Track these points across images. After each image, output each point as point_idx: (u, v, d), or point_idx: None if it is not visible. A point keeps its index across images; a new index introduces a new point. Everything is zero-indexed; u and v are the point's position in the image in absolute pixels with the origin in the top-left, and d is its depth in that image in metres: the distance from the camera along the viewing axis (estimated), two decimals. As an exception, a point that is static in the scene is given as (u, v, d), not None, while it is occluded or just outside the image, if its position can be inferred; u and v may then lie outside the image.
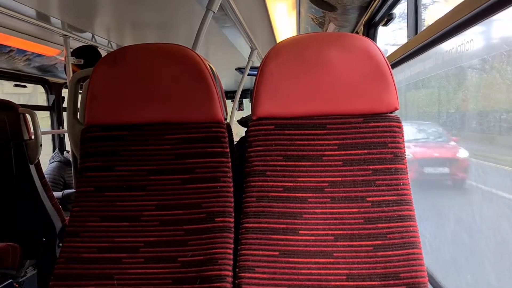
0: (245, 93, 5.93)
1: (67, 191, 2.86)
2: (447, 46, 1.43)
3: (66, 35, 2.72)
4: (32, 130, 2.15)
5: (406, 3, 1.70)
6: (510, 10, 0.93)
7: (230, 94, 5.28)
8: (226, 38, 3.13)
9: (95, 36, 3.00)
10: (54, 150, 3.87)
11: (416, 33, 1.58)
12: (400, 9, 1.96)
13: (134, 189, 1.13)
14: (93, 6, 2.37)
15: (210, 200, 1.11)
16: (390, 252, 1.02)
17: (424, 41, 1.40)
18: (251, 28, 3.04)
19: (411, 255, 1.01)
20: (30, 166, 2.12)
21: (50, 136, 3.97)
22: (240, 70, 4.46)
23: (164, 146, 1.15)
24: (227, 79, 5.34)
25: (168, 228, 1.10)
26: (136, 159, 1.15)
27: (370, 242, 1.03)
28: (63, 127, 3.95)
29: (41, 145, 2.15)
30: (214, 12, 1.94)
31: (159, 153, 1.15)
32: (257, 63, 3.94)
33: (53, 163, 3.54)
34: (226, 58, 4.19)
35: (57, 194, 2.51)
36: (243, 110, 5.97)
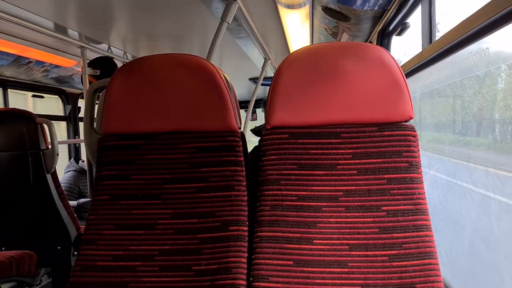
0: (258, 103, 5.96)
1: (82, 200, 2.89)
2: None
3: (83, 47, 2.78)
4: (49, 140, 2.19)
5: (420, 12, 1.69)
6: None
7: (243, 104, 5.30)
8: (240, 49, 3.15)
9: (111, 47, 3.05)
10: (69, 159, 3.93)
11: (430, 42, 1.57)
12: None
13: (149, 197, 1.14)
14: (109, 18, 2.42)
15: (224, 208, 1.11)
16: (405, 262, 1.00)
17: (438, 50, 1.40)
18: (265, 39, 3.06)
19: (427, 266, 1.00)
20: (47, 175, 2.15)
21: (66, 145, 4.04)
22: (254, 80, 4.49)
23: (179, 155, 1.16)
24: (240, 89, 5.37)
25: (182, 237, 1.10)
26: (151, 168, 1.16)
27: (385, 252, 1.02)
28: (79, 137, 4.01)
29: (57, 154, 2.18)
30: (228, 23, 1.97)
31: (174, 162, 1.16)
32: (270, 73, 3.97)
33: (68, 172, 3.59)
34: (239, 68, 4.22)
35: (72, 203, 2.54)
36: (256, 119, 6.00)
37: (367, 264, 1.01)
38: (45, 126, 2.17)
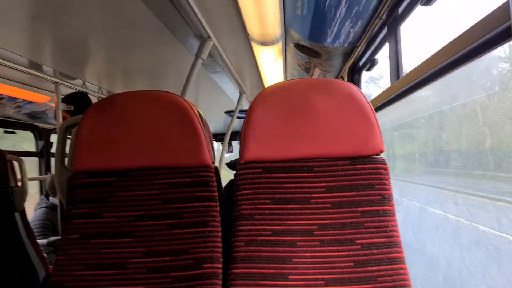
0: (235, 136, 5.98)
1: (52, 238, 2.79)
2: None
3: (57, 82, 2.75)
4: (19, 177, 2.12)
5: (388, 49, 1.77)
6: (484, 57, 0.98)
7: (219, 137, 5.31)
8: (215, 83, 3.19)
9: (86, 82, 3.04)
10: (40, 195, 3.81)
11: (398, 77, 1.64)
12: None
13: (121, 235, 1.12)
14: (84, 54, 2.42)
15: (198, 245, 1.09)
16: None
17: (406, 86, 1.45)
18: (240, 74, 3.12)
19: None
20: (15, 213, 2.08)
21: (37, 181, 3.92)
22: (229, 113, 4.52)
23: (152, 191, 1.15)
24: (216, 122, 5.39)
25: (155, 276, 1.07)
26: (123, 205, 1.14)
27: (361, 286, 1.02)
28: (51, 173, 3.91)
29: (27, 192, 2.12)
30: (203, 60, 2.01)
31: (147, 198, 1.14)
32: (246, 107, 4.01)
33: (40, 209, 3.47)
34: (215, 102, 4.25)
35: (41, 241, 2.45)
36: (232, 152, 6.00)
37: None
38: (15, 163, 2.11)
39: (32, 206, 3.50)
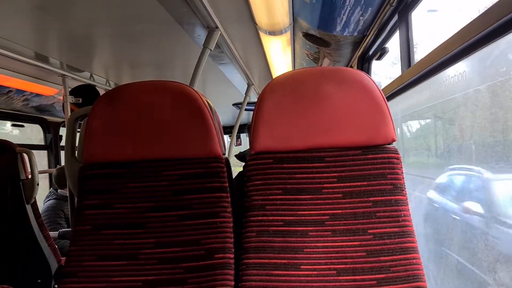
0: (243, 128, 5.98)
1: (63, 230, 2.81)
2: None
3: (64, 75, 2.75)
4: (29, 170, 2.13)
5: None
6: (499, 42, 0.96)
7: (227, 129, 5.31)
8: (223, 75, 3.18)
9: (93, 75, 3.04)
10: (50, 188, 3.84)
11: (409, 66, 1.61)
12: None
13: (132, 226, 1.12)
14: (91, 46, 2.42)
15: (209, 236, 1.09)
16: (394, 286, 0.99)
17: (417, 74, 1.43)
18: (248, 65, 3.10)
19: None
20: (26, 206, 2.09)
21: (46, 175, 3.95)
22: (237, 105, 4.51)
23: (162, 183, 1.14)
24: (224, 114, 5.38)
25: (167, 266, 1.07)
26: (134, 196, 1.14)
27: (373, 276, 1.01)
28: (60, 166, 3.94)
29: (38, 184, 2.13)
30: (211, 50, 1.99)
31: (157, 189, 1.14)
32: (254, 99, 4.00)
33: (49, 201, 3.50)
34: (223, 94, 4.25)
35: (53, 234, 2.47)
36: (240, 145, 6.00)
37: None
38: (25, 155, 2.12)
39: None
